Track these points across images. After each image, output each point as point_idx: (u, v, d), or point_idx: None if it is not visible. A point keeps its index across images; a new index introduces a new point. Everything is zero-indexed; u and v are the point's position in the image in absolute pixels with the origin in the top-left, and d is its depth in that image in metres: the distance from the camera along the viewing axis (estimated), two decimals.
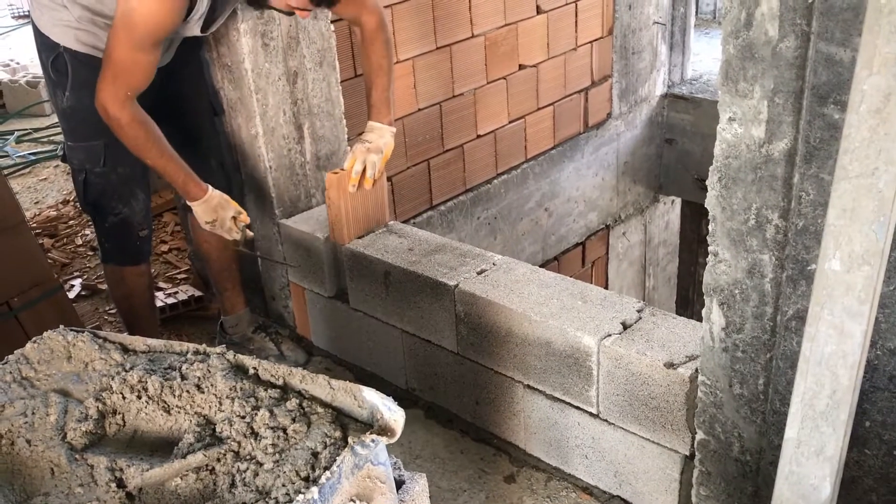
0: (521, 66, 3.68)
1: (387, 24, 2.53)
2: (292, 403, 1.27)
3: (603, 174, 4.34)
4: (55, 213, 4.13)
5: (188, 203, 2.42)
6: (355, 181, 2.47)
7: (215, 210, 2.41)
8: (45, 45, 2.33)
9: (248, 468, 1.19)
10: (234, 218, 2.44)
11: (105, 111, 2.18)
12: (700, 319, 1.75)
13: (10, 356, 1.44)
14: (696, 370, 1.80)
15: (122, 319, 2.73)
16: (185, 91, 2.55)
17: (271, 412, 1.25)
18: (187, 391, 1.32)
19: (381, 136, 2.52)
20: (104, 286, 3.42)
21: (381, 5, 2.52)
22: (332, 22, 2.72)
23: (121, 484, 1.20)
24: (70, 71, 2.31)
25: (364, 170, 2.48)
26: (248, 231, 2.50)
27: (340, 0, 2.21)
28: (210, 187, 2.39)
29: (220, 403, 1.30)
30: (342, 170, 2.50)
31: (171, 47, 2.40)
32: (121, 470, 1.21)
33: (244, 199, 2.82)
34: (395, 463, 1.38)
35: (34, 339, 1.45)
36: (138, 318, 2.66)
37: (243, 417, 1.26)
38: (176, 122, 2.46)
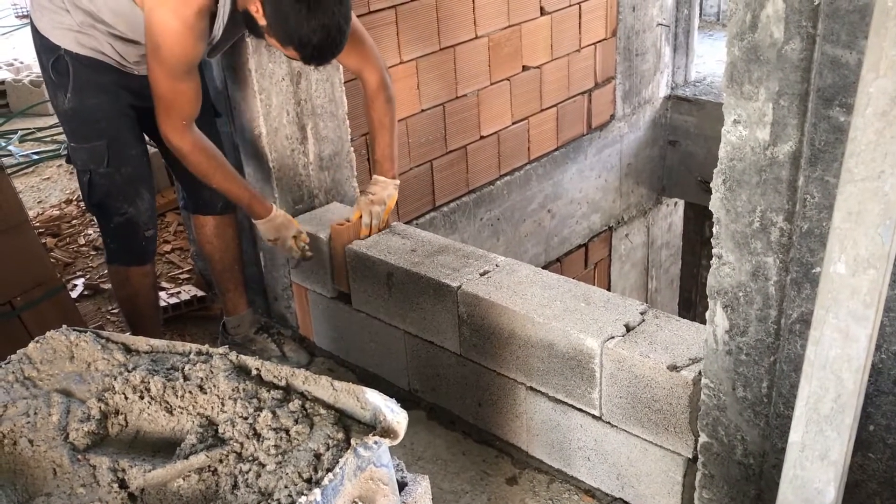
0: (524, 68, 3.68)
1: (389, 83, 2.58)
2: (295, 405, 1.27)
3: (606, 176, 4.33)
4: (58, 212, 4.14)
5: (253, 220, 2.50)
6: (366, 233, 2.58)
7: (278, 229, 2.51)
8: (46, 48, 2.32)
9: (250, 469, 1.19)
10: (296, 237, 2.54)
11: (169, 142, 2.27)
12: (703, 322, 1.74)
13: (12, 356, 1.44)
14: (700, 373, 1.80)
15: (125, 320, 2.73)
16: None
17: (274, 413, 1.25)
18: (190, 392, 1.32)
19: (385, 189, 2.61)
20: (107, 286, 3.42)
21: (384, 63, 2.56)
22: None
23: (123, 484, 1.20)
24: (71, 72, 2.30)
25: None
26: (307, 250, 2.58)
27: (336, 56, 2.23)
28: (275, 207, 2.47)
29: (223, 404, 1.30)
30: (347, 221, 2.58)
31: None
32: (123, 470, 1.21)
33: None
34: (398, 464, 1.37)
35: (37, 338, 1.45)
36: (142, 318, 2.66)
37: (246, 418, 1.26)
38: None
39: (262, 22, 2.14)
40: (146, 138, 2.55)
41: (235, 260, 2.76)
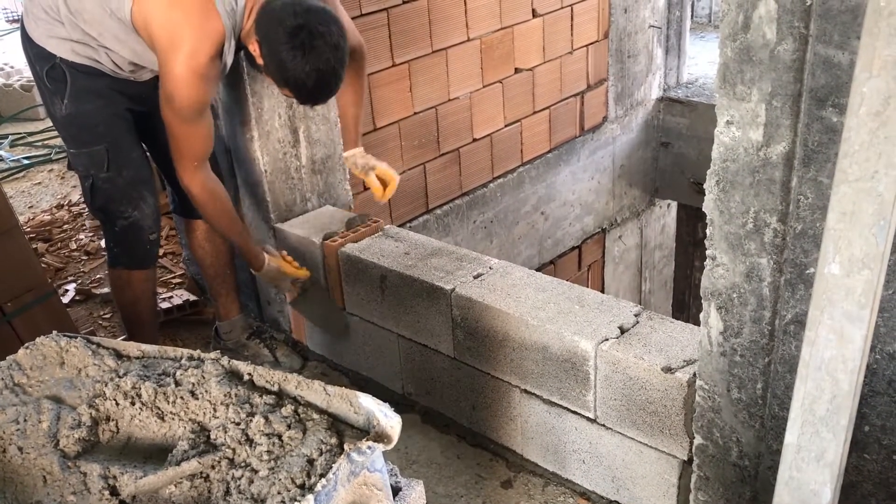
0: (516, 70, 3.68)
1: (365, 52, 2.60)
2: (287, 410, 1.26)
3: (599, 178, 4.33)
4: (49, 217, 4.11)
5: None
6: (388, 193, 2.66)
7: (273, 280, 2.58)
8: (40, 56, 2.31)
9: (242, 475, 1.18)
10: (294, 282, 2.60)
11: (181, 181, 2.32)
12: (696, 323, 1.74)
13: (2, 362, 1.42)
14: (694, 374, 1.80)
15: (124, 325, 2.71)
16: None
17: (266, 419, 1.24)
18: (181, 397, 1.31)
19: (365, 156, 2.67)
20: (98, 291, 3.41)
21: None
22: None
23: (114, 492, 1.19)
24: (68, 79, 2.30)
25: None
26: (308, 285, 2.64)
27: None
28: (266, 260, 2.50)
29: (215, 410, 1.29)
30: (338, 235, 2.60)
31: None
32: (114, 477, 1.20)
33: (240, 203, 2.81)
34: (392, 469, 1.36)
35: (26, 344, 1.44)
36: (142, 323, 2.64)
37: (238, 424, 1.25)
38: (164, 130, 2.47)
39: (260, 62, 2.20)
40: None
41: (227, 264, 2.75)
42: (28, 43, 2.35)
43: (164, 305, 3.10)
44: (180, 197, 2.64)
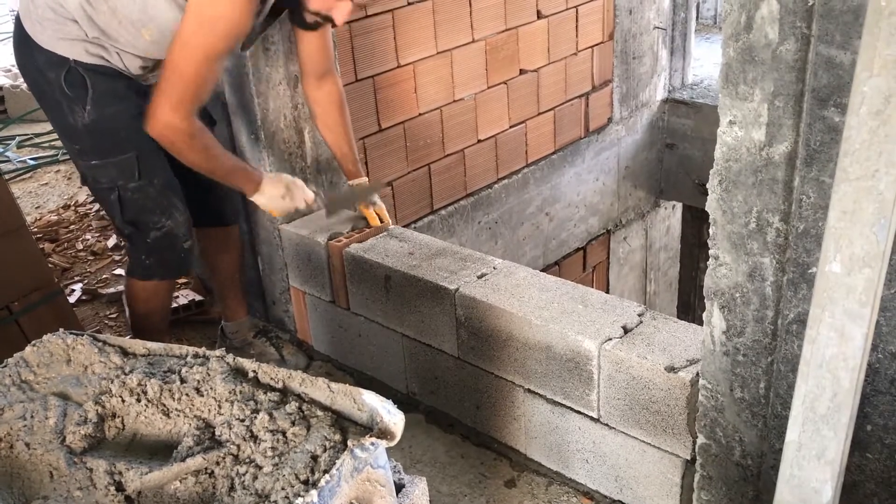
0: (521, 71, 3.69)
1: None
2: (292, 407, 1.26)
3: (604, 179, 4.33)
4: (56, 217, 4.13)
5: (249, 198, 2.41)
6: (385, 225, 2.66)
7: (280, 194, 2.42)
8: (51, 62, 2.18)
9: (247, 471, 1.19)
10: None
11: (171, 126, 2.11)
12: (701, 324, 1.74)
13: (9, 359, 1.43)
14: (697, 374, 1.80)
15: (139, 334, 2.57)
16: None
17: (271, 415, 1.25)
18: (186, 394, 1.32)
19: (370, 188, 2.67)
20: (105, 291, 3.42)
21: None
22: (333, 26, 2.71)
23: (120, 487, 1.20)
24: (89, 82, 2.18)
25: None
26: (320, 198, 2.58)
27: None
28: (264, 177, 2.39)
29: (220, 407, 1.30)
30: (343, 235, 2.61)
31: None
32: (120, 473, 1.21)
33: (246, 202, 2.82)
34: (395, 466, 1.37)
35: (34, 342, 1.45)
36: (159, 332, 2.58)
37: (242, 421, 1.26)
38: None
39: None
40: None
41: (237, 269, 2.75)
42: (31, 50, 2.19)
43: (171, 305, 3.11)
44: (195, 205, 2.56)
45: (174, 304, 3.12)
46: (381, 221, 2.67)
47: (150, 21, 2.14)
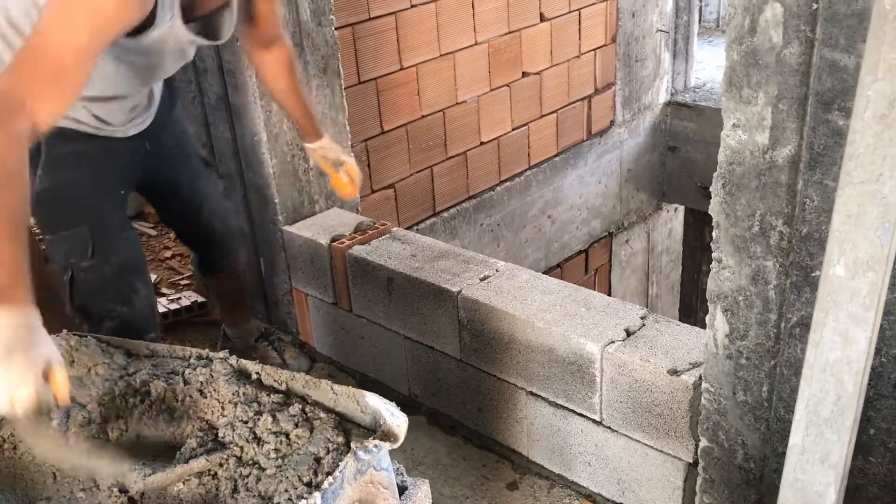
0: (524, 74, 3.69)
1: None
2: (295, 409, 1.27)
3: (606, 182, 4.33)
4: None
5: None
6: (356, 190, 2.45)
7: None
8: None
9: (250, 473, 1.19)
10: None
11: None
12: (703, 327, 1.74)
13: None
14: (700, 377, 1.80)
15: None
16: (173, 154, 2.23)
17: (274, 417, 1.25)
18: (190, 396, 1.32)
19: (334, 148, 2.43)
20: None
21: None
22: (336, 29, 2.72)
23: (123, 489, 1.20)
24: (43, 146, 1.83)
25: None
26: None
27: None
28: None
29: (223, 408, 1.30)
30: (346, 237, 2.56)
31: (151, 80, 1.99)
32: (123, 475, 1.21)
33: (248, 205, 2.82)
34: (398, 469, 1.37)
35: None
36: None
37: (246, 422, 1.26)
38: (172, 191, 2.27)
39: None
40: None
41: (240, 292, 2.72)
42: None
43: (172, 307, 3.12)
44: (201, 254, 2.50)
45: (176, 307, 3.12)
46: (353, 181, 2.43)
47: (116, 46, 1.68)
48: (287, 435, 1.23)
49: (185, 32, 1.80)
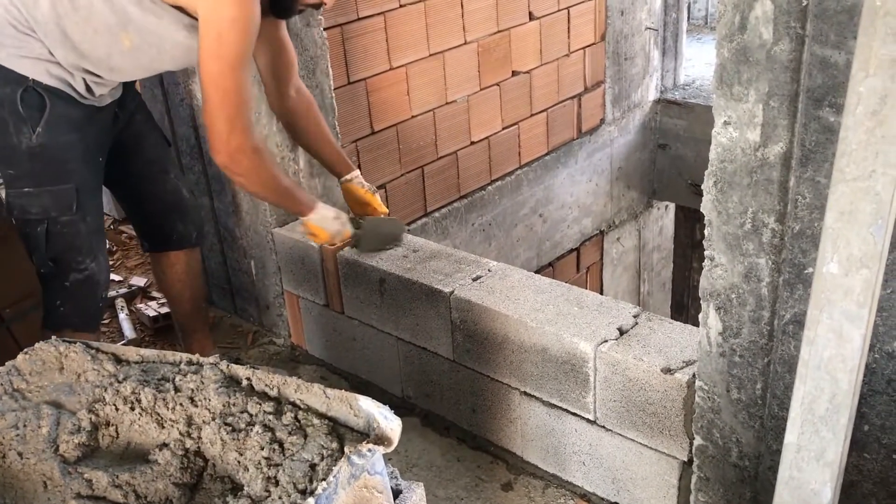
0: (514, 73, 3.68)
1: None
2: (288, 418, 1.25)
3: (597, 180, 4.33)
4: None
5: (304, 219, 2.38)
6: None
7: (325, 227, 2.42)
8: (8, 79, 2.03)
9: (242, 483, 1.17)
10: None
11: (240, 149, 2.06)
12: (695, 324, 1.74)
13: (0, 368, 1.42)
14: (694, 375, 1.80)
15: None
16: (140, 128, 2.42)
17: (266, 426, 1.23)
18: (181, 404, 1.30)
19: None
20: None
21: None
22: (324, 29, 2.71)
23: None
24: (48, 104, 2.06)
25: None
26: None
27: None
28: (317, 204, 2.37)
29: (214, 417, 1.28)
30: (344, 240, 2.56)
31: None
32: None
33: (238, 206, 2.81)
34: (392, 472, 1.36)
35: (25, 350, 1.43)
36: None
37: (238, 431, 1.24)
38: (140, 158, 2.40)
39: None
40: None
41: (203, 295, 2.69)
42: None
43: (163, 311, 3.10)
44: (159, 228, 2.52)
45: (166, 310, 3.10)
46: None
47: (128, 23, 2.04)
48: (280, 443, 1.21)
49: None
